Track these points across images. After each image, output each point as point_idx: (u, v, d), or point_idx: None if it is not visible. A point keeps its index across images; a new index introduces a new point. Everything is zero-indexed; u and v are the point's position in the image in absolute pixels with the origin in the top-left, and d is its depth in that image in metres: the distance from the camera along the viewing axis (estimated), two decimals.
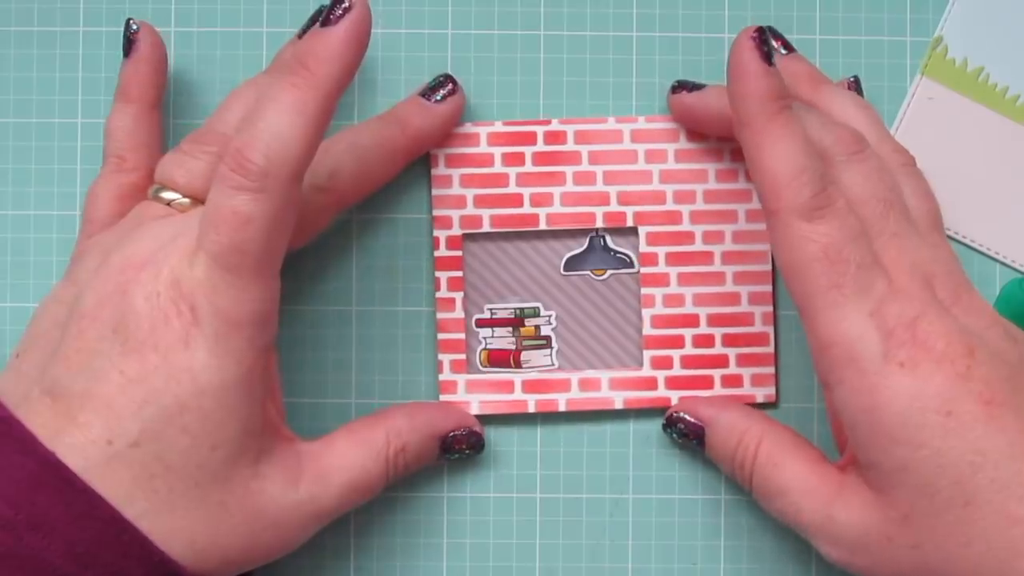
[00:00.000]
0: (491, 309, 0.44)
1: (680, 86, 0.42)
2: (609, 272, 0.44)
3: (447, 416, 0.42)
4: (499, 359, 0.43)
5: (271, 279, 0.36)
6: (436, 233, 0.43)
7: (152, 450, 0.34)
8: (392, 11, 0.44)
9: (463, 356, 0.43)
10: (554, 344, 0.43)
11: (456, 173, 0.43)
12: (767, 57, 0.35)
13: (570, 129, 0.43)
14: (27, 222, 0.43)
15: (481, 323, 0.44)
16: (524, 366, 0.43)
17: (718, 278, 0.43)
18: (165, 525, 0.34)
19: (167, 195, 0.38)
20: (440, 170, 0.43)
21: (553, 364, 0.43)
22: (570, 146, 0.43)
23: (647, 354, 0.43)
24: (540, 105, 0.43)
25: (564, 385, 0.43)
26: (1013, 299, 0.43)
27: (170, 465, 0.34)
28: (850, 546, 0.36)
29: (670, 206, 0.43)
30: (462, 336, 0.43)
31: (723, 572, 0.43)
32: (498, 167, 0.43)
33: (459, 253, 0.43)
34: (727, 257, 0.43)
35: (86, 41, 0.44)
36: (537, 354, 0.43)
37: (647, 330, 0.43)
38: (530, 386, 0.43)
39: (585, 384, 0.43)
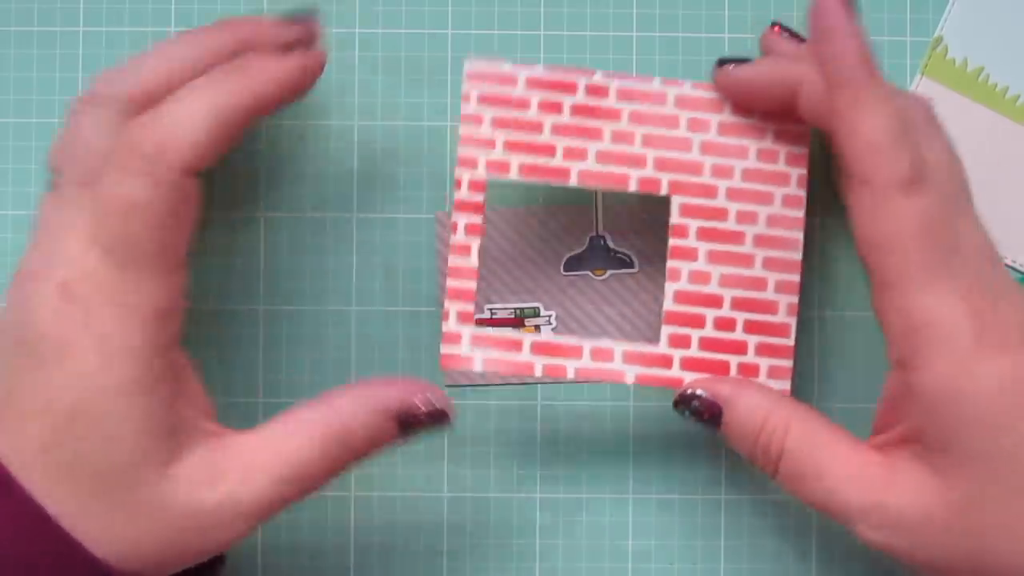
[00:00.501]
0: (491, 309, 0.44)
1: (726, 61, 0.40)
2: (609, 272, 0.44)
3: (401, 388, 0.38)
4: None
5: (168, 274, 0.35)
6: (458, 174, 0.40)
7: (57, 458, 0.34)
8: (392, 11, 0.44)
9: (471, 307, 0.40)
10: None
11: (488, 114, 0.40)
12: (854, 15, 0.34)
13: (613, 84, 0.40)
14: (27, 222, 0.43)
15: (481, 323, 0.43)
16: None
17: (747, 260, 0.41)
18: (83, 529, 0.34)
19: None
20: (471, 108, 0.40)
21: None
22: (611, 102, 0.40)
23: (665, 330, 0.40)
24: None
25: (575, 352, 0.40)
26: None
27: (76, 472, 0.34)
28: (895, 530, 0.35)
29: (707, 179, 0.40)
30: (473, 285, 0.40)
31: (723, 572, 0.43)
32: (534, 113, 0.40)
33: (481, 198, 0.40)
34: (759, 240, 0.41)
35: (86, 41, 0.44)
36: None
37: (668, 305, 0.40)
38: (539, 348, 0.40)
39: (597, 354, 0.40)
